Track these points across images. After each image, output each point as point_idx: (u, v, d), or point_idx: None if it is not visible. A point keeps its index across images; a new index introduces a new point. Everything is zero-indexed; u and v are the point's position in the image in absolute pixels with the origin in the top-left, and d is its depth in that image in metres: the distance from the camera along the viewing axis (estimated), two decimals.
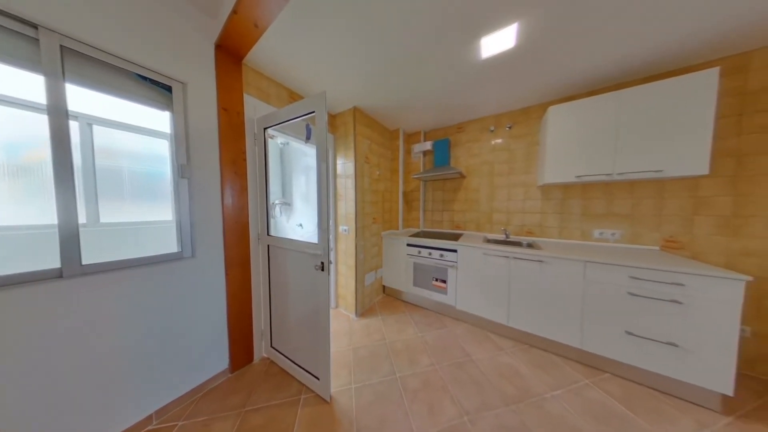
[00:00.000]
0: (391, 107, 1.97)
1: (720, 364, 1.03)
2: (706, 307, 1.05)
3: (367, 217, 2.15)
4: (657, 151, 1.29)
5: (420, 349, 1.56)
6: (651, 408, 1.09)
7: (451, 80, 1.53)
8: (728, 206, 1.32)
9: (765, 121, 1.23)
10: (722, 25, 1.08)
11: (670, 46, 1.21)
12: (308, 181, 2.51)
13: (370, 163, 2.18)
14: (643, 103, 1.31)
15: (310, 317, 1.21)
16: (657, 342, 1.15)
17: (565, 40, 1.17)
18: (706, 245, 1.37)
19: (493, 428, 1.00)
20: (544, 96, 1.76)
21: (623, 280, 1.22)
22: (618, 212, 1.61)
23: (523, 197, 2.00)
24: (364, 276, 2.12)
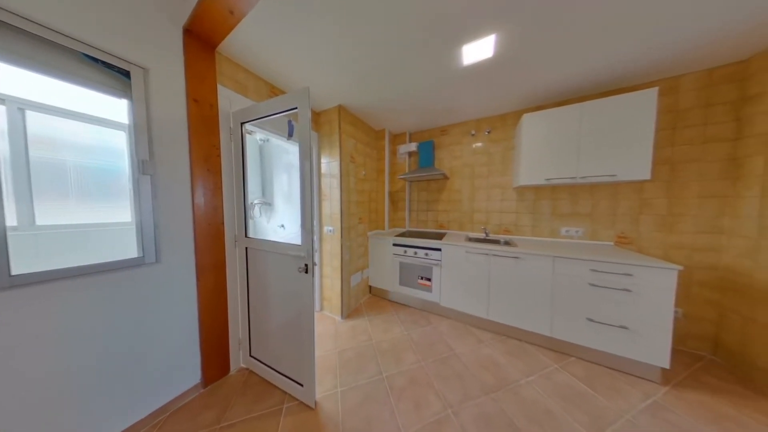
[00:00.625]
0: (376, 107, 1.97)
1: (659, 342, 1.20)
2: (648, 294, 1.22)
3: (353, 217, 2.13)
4: (611, 158, 1.46)
5: (406, 347, 1.58)
6: (608, 385, 1.23)
7: (435, 84, 1.58)
8: (664, 206, 1.54)
9: (692, 135, 1.47)
10: (660, 52, 1.26)
11: (625, 66, 1.38)
12: (290, 180, 2.41)
13: (356, 163, 2.16)
14: (600, 115, 1.48)
15: (294, 322, 1.16)
16: (612, 326, 1.31)
17: (537, 54, 1.27)
18: (648, 240, 1.59)
19: (475, 417, 1.05)
20: (520, 104, 1.90)
21: (585, 272, 1.37)
22: (581, 212, 1.80)
23: (500, 198, 2.13)
24: (350, 277, 2.10)
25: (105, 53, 0.89)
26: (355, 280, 2.18)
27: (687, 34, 1.12)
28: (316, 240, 2.07)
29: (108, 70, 0.92)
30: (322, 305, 2.13)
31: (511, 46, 1.20)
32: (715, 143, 1.42)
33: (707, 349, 1.46)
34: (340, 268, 1.95)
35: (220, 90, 1.26)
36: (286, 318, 1.20)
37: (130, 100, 0.97)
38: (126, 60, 0.95)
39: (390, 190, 2.68)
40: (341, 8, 0.98)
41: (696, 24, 1.06)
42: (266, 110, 1.17)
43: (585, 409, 1.09)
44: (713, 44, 1.20)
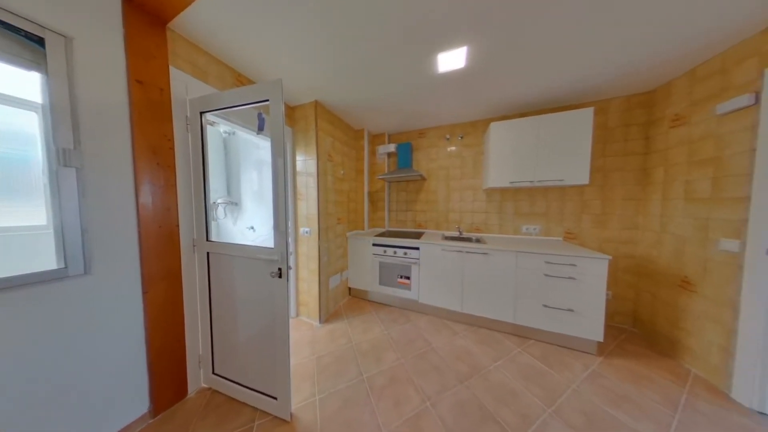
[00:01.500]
0: (355, 106, 1.94)
1: (595, 320, 1.44)
2: (587, 281, 1.45)
3: (331, 217, 2.07)
4: (560, 165, 1.70)
5: (386, 346, 1.59)
6: (559, 361, 1.43)
7: (413, 88, 1.63)
8: (599, 207, 1.85)
9: (617, 148, 1.79)
10: (597, 78, 1.51)
11: (572, 85, 1.62)
12: (261, 177, 2.23)
13: (334, 162, 2.10)
14: (552, 127, 1.70)
15: (266, 331, 1.08)
16: (561, 310, 1.52)
17: (503, 69, 1.41)
18: (587, 236, 1.89)
19: (451, 406, 1.12)
20: (488, 113, 2.07)
21: (541, 265, 1.56)
22: (537, 212, 2.05)
23: (472, 199, 2.30)
24: (328, 280, 2.03)
25: (4, 11, 0.70)
26: (333, 282, 2.12)
27: (613, 64, 1.37)
28: (291, 242, 1.96)
29: (11, 33, 0.73)
30: (298, 311, 2.02)
31: (480, 59, 1.31)
32: (632, 156, 1.75)
33: (628, 322, 1.80)
34: (317, 270, 1.88)
35: (173, 73, 1.09)
36: (258, 327, 1.10)
37: (44, 74, 0.78)
38: (38, 23, 0.76)
39: (369, 190, 2.68)
40: (318, 1, 0.94)
41: (619, 57, 1.30)
42: (232, 100, 1.07)
43: (541, 384, 1.24)
44: (631, 75, 1.48)
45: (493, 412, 1.08)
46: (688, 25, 1.06)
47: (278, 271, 1.00)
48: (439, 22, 1.04)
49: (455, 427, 1.01)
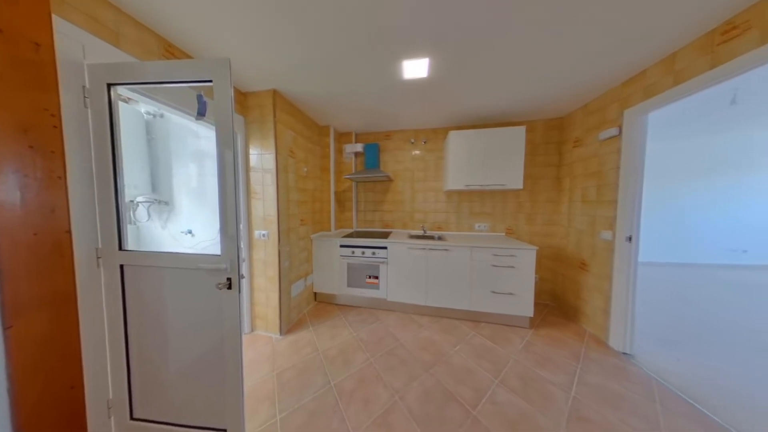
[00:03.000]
0: (320, 102, 1.84)
1: (527, 300, 1.77)
2: (522, 267, 1.76)
3: (294, 218, 1.91)
4: (503, 172, 2.01)
5: (355, 348, 1.57)
6: (503, 337, 1.69)
7: (380, 90, 1.65)
8: (529, 207, 2.28)
9: (540, 160, 2.24)
10: (527, 102, 1.85)
11: (508, 105, 1.93)
12: (203, 172, 1.89)
13: (296, 158, 1.94)
14: (497, 139, 2.01)
15: (211, 354, 0.91)
16: (504, 294, 1.80)
17: (460, 84, 1.57)
18: (522, 231, 2.30)
19: (418, 395, 1.18)
20: (448, 122, 2.28)
21: (489, 257, 1.82)
22: (486, 211, 2.37)
23: (434, 200, 2.49)
24: (290, 287, 1.87)
25: None
26: (297, 289, 1.96)
27: (535, 94, 1.71)
28: (244, 247, 1.71)
29: None
30: (254, 325, 1.79)
31: (440, 73, 1.43)
32: (550, 167, 2.22)
33: (549, 299, 2.27)
34: (277, 277, 1.70)
35: (59, 25, 0.81)
36: (200, 351, 0.92)
37: None
38: None
39: (336, 190, 2.59)
40: None
41: (537, 90, 1.63)
42: (159, 74, 0.86)
43: (490, 359, 1.45)
44: (548, 104, 1.88)
45: (453, 393, 1.19)
46: (578, 75, 1.43)
47: (227, 282, 0.86)
48: (403, 29, 1.08)
49: (422, 414, 1.07)
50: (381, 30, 1.08)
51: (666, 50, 1.21)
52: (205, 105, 1.05)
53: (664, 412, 1.08)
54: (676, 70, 1.21)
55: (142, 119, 1.72)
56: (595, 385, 1.24)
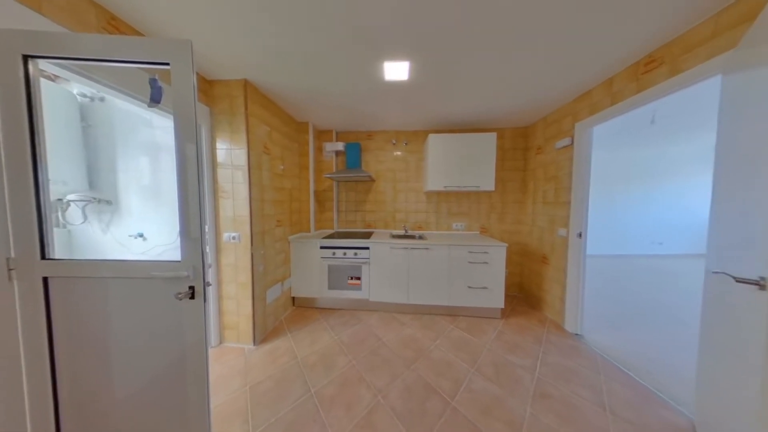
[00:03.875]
0: (298, 97, 1.76)
1: (499, 292, 1.92)
2: (495, 263, 1.91)
3: (269, 219, 1.79)
4: (477, 174, 2.16)
5: (336, 351, 1.53)
6: (478, 329, 1.81)
7: (362, 89, 1.64)
8: (500, 208, 2.48)
9: (509, 165, 2.45)
10: (496, 112, 2.01)
11: (481, 113, 2.08)
12: (158, 167, 1.67)
13: (271, 155, 1.82)
14: (472, 144, 2.14)
15: (169, 374, 0.80)
16: (479, 288, 1.93)
17: (439, 90, 1.64)
18: (494, 229, 2.50)
19: (401, 392, 1.20)
20: (428, 125, 2.36)
21: (465, 254, 1.94)
22: (463, 211, 2.52)
23: (415, 200, 2.56)
24: (265, 293, 1.74)
25: None
26: (273, 295, 1.84)
27: (504, 104, 1.87)
28: (210, 252, 1.55)
29: None
30: (223, 336, 1.63)
31: (420, 77, 1.47)
32: (518, 171, 2.45)
33: (517, 291, 2.50)
34: (250, 283, 1.57)
35: None
36: (153, 373, 0.81)
37: None
38: None
39: (316, 189, 2.49)
40: None
41: (506, 101, 1.79)
42: (97, 50, 0.73)
43: (467, 350, 1.54)
44: (515, 114, 2.07)
45: (434, 386, 1.24)
46: (538, 91, 1.61)
47: (190, 291, 0.77)
48: (384, 29, 1.09)
49: (404, 411, 1.09)
50: (362, 28, 1.08)
51: (605, 75, 1.43)
52: (161, 91, 0.92)
53: (606, 381, 1.27)
54: (613, 92, 1.44)
55: (74, 102, 1.44)
56: (554, 364, 1.40)
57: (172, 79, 0.74)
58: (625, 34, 1.10)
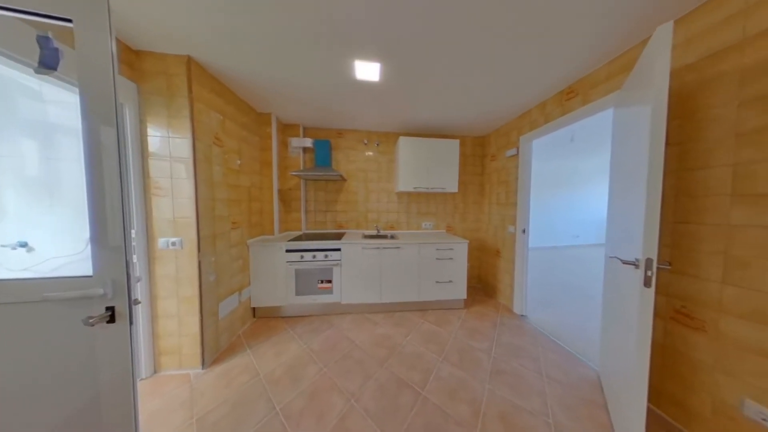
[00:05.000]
0: (259, 85, 1.58)
1: (462, 285, 2.12)
2: (458, 258, 2.10)
3: (222, 221, 1.56)
4: (443, 177, 2.33)
5: (306, 361, 1.44)
6: (445, 320, 1.96)
7: (331, 85, 1.58)
8: (463, 208, 2.74)
9: (470, 169, 2.73)
10: (458, 120, 2.21)
11: (446, 121, 2.25)
12: (50, 155, 1.28)
13: (225, 148, 1.59)
14: (439, 148, 2.30)
15: (78, 421, 0.62)
16: (445, 282, 2.09)
17: (408, 95, 1.70)
18: (458, 228, 2.74)
19: (373, 393, 1.20)
20: (399, 128, 2.43)
21: (433, 251, 2.07)
22: (431, 211, 2.68)
23: (387, 200, 2.61)
24: (217, 305, 1.51)
25: None
26: (228, 307, 1.61)
27: (465, 114, 2.08)
28: (139, 262, 1.26)
29: None
30: (159, 363, 1.34)
31: (391, 81, 1.51)
32: (476, 175, 2.75)
33: (477, 282, 2.80)
34: (197, 296, 1.34)
35: None
36: (54, 423, 0.61)
37: None
38: None
39: (280, 188, 2.29)
40: None
41: (467, 113, 2.00)
42: None
43: (436, 341, 1.65)
44: (474, 125, 2.32)
45: (406, 380, 1.29)
46: (490, 105, 1.84)
47: (108, 313, 0.61)
48: (356, 23, 1.07)
49: (378, 410, 1.10)
50: (333, 21, 1.04)
51: (541, 98, 1.74)
52: (57, 53, 0.71)
53: (542, 351, 1.53)
54: (546, 113, 1.75)
55: None
56: (507, 344, 1.62)
57: (76, 42, 0.57)
58: (553, 69, 1.36)
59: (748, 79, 0.83)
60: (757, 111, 0.81)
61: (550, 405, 1.12)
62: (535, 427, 1.01)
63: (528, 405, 1.12)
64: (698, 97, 0.95)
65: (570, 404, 1.13)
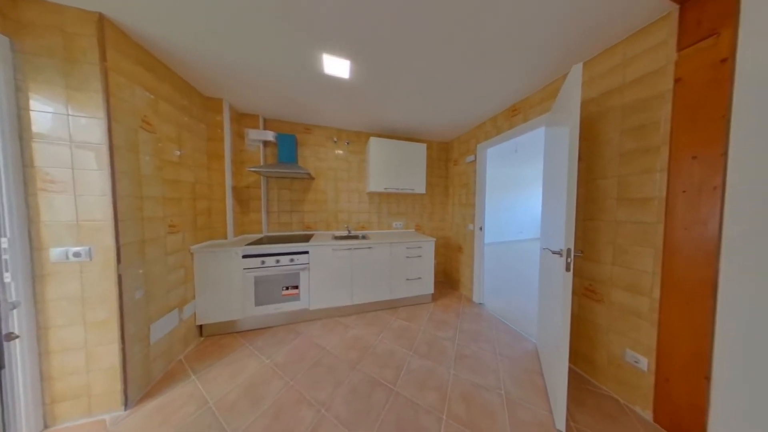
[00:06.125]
0: (208, 66, 1.36)
1: (429, 280, 2.25)
2: (426, 255, 2.23)
3: (154, 224, 1.28)
4: (413, 178, 2.44)
5: (268, 377, 1.30)
6: (415, 315, 2.05)
7: (298, 77, 1.47)
8: (430, 208, 2.92)
9: (436, 172, 2.92)
10: (426, 125, 2.35)
11: (412, 126, 2.36)
12: None
13: (158, 134, 1.31)
14: (408, 151, 2.39)
15: None
16: (415, 279, 2.19)
17: (379, 97, 1.72)
18: (426, 227, 2.91)
19: (345, 397, 1.17)
20: (370, 128, 2.43)
21: (404, 250, 2.14)
22: (401, 211, 2.78)
23: (358, 200, 2.58)
24: (148, 328, 1.23)
25: None
26: (165, 328, 1.33)
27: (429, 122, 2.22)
28: (18, 282, 0.93)
29: None
30: (52, 415, 1.01)
31: (362, 80, 1.50)
32: (441, 178, 2.97)
33: (442, 276, 3.03)
34: (116, 319, 1.06)
35: None
36: None
37: None
38: None
39: (235, 185, 2.01)
40: None
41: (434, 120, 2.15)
42: None
43: (407, 337, 1.71)
44: (438, 131, 2.51)
45: (378, 379, 1.29)
46: (453, 116, 2.03)
47: None
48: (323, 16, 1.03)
49: (350, 415, 1.07)
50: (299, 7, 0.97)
51: (493, 112, 1.99)
52: None
53: (497, 333, 1.76)
54: (497, 126, 2.02)
55: None
56: (468, 330, 1.80)
57: None
58: (502, 89, 1.59)
59: (626, 114, 1.13)
60: (631, 138, 1.11)
61: (502, 378, 1.30)
62: (490, 400, 1.15)
63: (485, 382, 1.27)
64: (598, 124, 1.24)
65: (516, 375, 1.32)
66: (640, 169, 1.07)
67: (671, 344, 0.97)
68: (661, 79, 1.00)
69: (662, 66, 1.00)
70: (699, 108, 0.89)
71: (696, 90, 0.90)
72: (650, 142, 1.04)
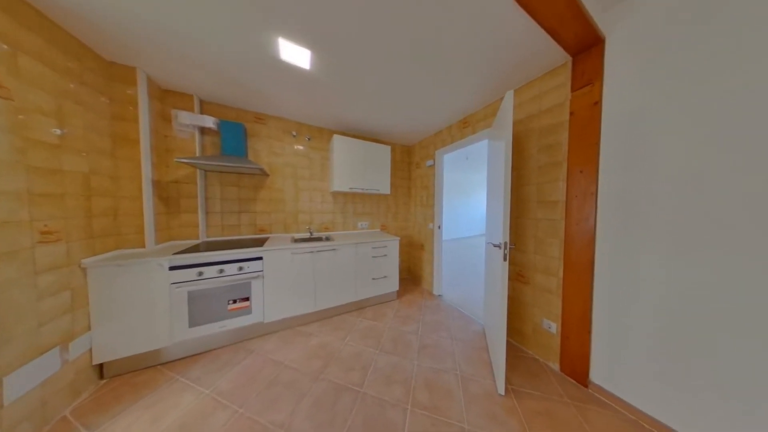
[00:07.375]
0: (112, 20, 1.03)
1: (395, 278, 2.34)
2: (391, 254, 2.29)
3: (11, 230, 0.90)
4: (378, 179, 2.47)
5: (209, 410, 1.09)
6: (381, 314, 2.08)
7: (245, 56, 1.28)
8: (395, 208, 3.02)
9: (400, 174, 3.05)
10: (391, 128, 2.42)
11: (376, 127, 2.40)
12: None
13: (17, 102, 0.93)
14: (373, 152, 2.41)
15: None
16: (381, 278, 2.23)
17: (344, 92, 1.66)
18: (391, 226, 2.99)
19: (308, 412, 1.09)
20: (333, 125, 2.33)
21: (369, 250, 2.15)
22: (367, 211, 2.77)
23: (321, 200, 2.44)
24: (0, 381, 0.85)
25: None
26: (32, 379, 0.94)
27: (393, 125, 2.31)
28: None
29: None
30: None
31: (323, 73, 1.42)
32: (404, 180, 3.11)
33: (406, 274, 3.18)
34: None
35: None
36: None
37: None
38: None
39: (158, 179, 1.60)
40: None
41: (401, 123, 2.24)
42: None
43: (373, 335, 1.72)
44: (401, 135, 2.63)
45: (344, 383, 1.26)
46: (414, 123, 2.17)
47: None
48: None
49: (313, 428, 1.00)
50: None
51: (449, 122, 2.22)
52: None
53: (453, 321, 1.97)
54: (452, 134, 2.25)
55: None
56: (429, 321, 1.94)
57: None
58: (455, 103, 1.79)
59: (542, 135, 1.44)
60: (545, 154, 1.42)
61: (457, 360, 1.45)
62: (448, 381, 1.28)
63: (444, 366, 1.40)
64: (524, 142, 1.54)
65: (468, 355, 1.51)
66: (551, 178, 1.39)
67: (569, 310, 1.29)
68: (563, 111, 1.32)
69: (563, 101, 1.32)
70: (583, 135, 1.22)
71: (581, 122, 1.23)
72: (556, 158, 1.36)
